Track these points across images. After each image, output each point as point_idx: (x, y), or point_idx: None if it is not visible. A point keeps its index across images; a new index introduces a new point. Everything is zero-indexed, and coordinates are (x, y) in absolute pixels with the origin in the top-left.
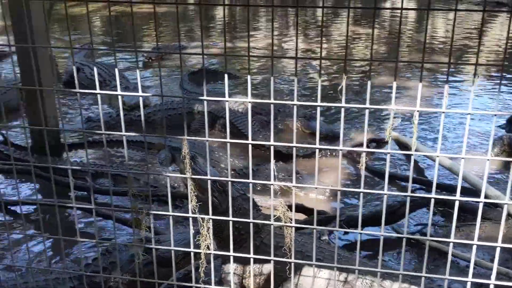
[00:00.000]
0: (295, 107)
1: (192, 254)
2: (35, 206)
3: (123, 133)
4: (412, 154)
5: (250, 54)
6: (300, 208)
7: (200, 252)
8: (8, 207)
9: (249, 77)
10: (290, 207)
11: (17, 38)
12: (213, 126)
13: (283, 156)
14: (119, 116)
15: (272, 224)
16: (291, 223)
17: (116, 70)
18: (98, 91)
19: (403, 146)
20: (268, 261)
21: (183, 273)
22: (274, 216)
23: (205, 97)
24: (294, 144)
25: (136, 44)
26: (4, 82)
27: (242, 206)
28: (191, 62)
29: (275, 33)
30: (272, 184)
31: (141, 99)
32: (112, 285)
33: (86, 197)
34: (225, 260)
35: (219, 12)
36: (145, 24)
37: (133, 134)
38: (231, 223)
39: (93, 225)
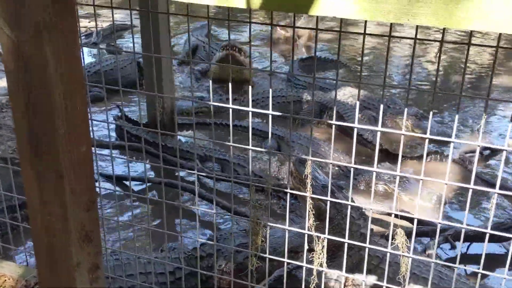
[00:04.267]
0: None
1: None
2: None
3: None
4: None
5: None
6: (404, 217)
7: (312, 268)
8: (124, 182)
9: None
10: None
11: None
12: (320, 116)
13: (390, 155)
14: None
15: (389, 251)
16: (408, 253)
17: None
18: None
19: None
20: (370, 273)
21: (278, 274)
22: (392, 244)
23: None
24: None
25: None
26: (125, 56)
27: (351, 215)
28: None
29: None
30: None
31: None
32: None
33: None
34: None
35: None
36: None
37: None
38: (351, 246)
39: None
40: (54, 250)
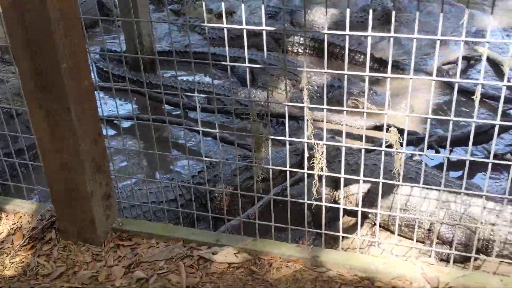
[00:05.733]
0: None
1: (288, 173)
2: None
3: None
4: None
5: None
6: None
7: (313, 173)
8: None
9: None
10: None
11: None
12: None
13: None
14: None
15: (383, 149)
16: (401, 149)
17: None
18: None
19: (494, 63)
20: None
21: (281, 188)
22: (386, 142)
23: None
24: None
25: None
26: None
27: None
28: None
29: None
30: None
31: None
32: (216, 196)
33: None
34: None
35: None
36: None
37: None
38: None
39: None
40: (68, 183)
